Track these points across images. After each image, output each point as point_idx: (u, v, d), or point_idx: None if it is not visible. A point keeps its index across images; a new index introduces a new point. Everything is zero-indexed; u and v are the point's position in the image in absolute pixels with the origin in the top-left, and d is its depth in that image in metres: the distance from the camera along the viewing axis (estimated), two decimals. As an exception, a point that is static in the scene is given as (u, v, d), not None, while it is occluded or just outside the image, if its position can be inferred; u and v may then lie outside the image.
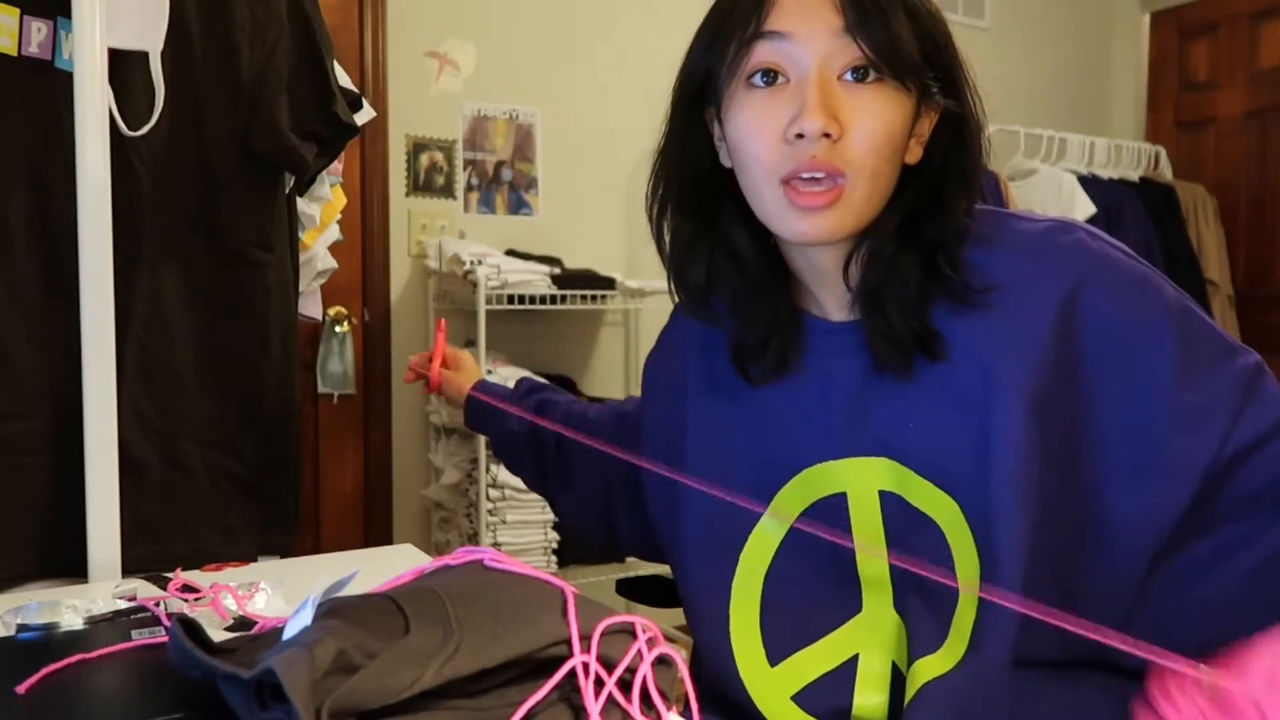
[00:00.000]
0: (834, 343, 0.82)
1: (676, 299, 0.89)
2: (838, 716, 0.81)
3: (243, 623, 0.79)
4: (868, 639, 0.80)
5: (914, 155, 0.78)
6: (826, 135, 0.71)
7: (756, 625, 0.83)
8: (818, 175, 0.72)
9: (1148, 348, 0.73)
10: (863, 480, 0.80)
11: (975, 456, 0.74)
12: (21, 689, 0.60)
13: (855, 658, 0.80)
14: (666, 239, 0.86)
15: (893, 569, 0.79)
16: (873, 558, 0.80)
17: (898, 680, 0.79)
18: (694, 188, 0.83)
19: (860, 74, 0.72)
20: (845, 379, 0.81)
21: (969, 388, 0.75)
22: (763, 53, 0.74)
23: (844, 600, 0.81)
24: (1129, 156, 3.60)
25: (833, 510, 0.81)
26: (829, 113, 0.71)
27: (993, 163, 3.77)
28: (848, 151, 0.72)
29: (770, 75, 0.74)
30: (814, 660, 0.81)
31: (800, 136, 0.72)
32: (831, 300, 0.83)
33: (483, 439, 2.48)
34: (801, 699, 0.81)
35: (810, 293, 0.84)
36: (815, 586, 0.82)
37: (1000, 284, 0.75)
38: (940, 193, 0.77)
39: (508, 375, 2.55)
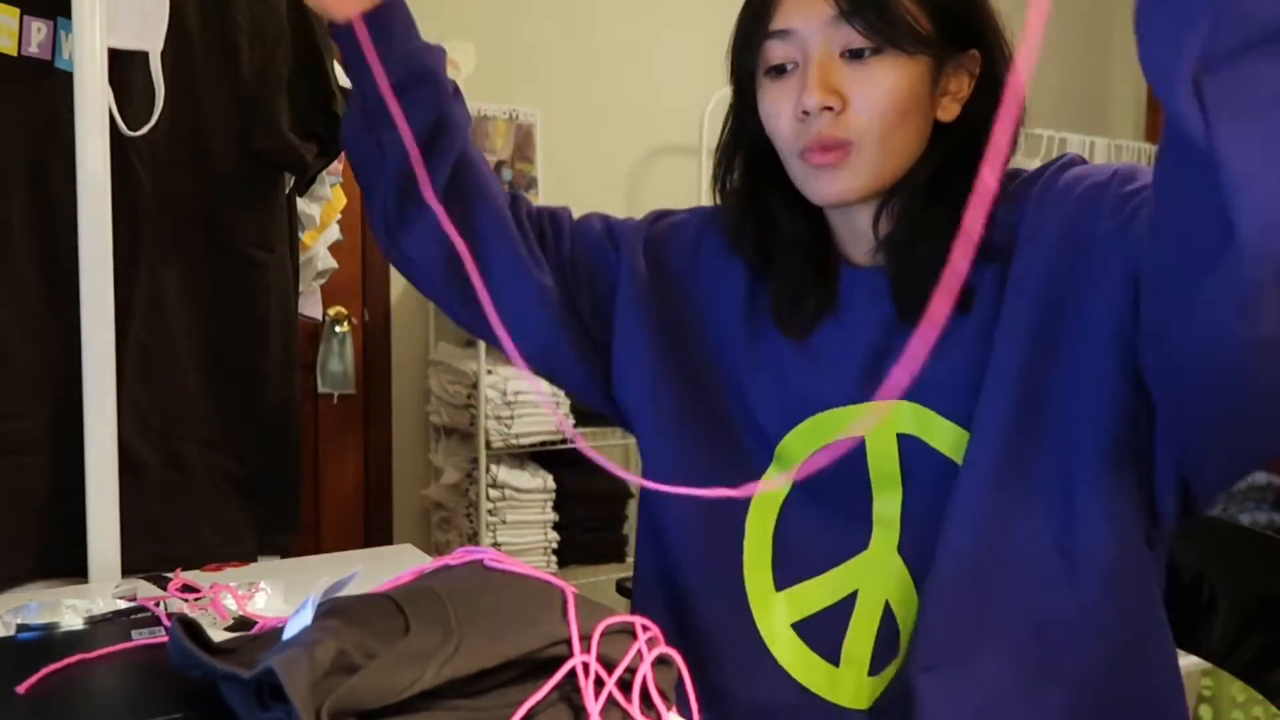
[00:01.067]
0: (858, 290, 0.86)
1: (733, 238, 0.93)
2: (831, 653, 0.83)
3: (243, 623, 0.79)
4: (868, 576, 0.83)
5: (949, 113, 0.81)
6: (828, 109, 0.77)
7: (769, 554, 0.87)
8: (826, 146, 0.78)
9: (1096, 205, 0.77)
10: (881, 423, 0.83)
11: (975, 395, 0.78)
12: (21, 689, 0.60)
13: (855, 594, 0.83)
14: (731, 198, 0.92)
15: (904, 511, 0.82)
16: (887, 498, 0.83)
17: (890, 623, 0.82)
18: (749, 161, 0.90)
19: (858, 54, 0.77)
20: (868, 325, 0.84)
21: (988, 333, 0.79)
22: (772, 50, 0.81)
23: (852, 537, 0.84)
24: (1129, 156, 3.60)
25: (850, 453, 0.84)
26: (827, 88, 0.77)
27: (993, 163, 3.71)
28: (851, 121, 0.77)
29: (781, 67, 0.81)
30: (817, 592, 0.85)
31: (806, 114, 0.78)
32: (863, 255, 0.87)
33: (483, 439, 2.48)
34: (801, 628, 0.85)
35: (843, 245, 0.89)
36: (826, 522, 0.85)
37: (1013, 233, 0.80)
38: (974, 149, 0.80)
39: (508, 374, 2.55)
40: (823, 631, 0.84)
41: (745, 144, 0.90)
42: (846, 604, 0.84)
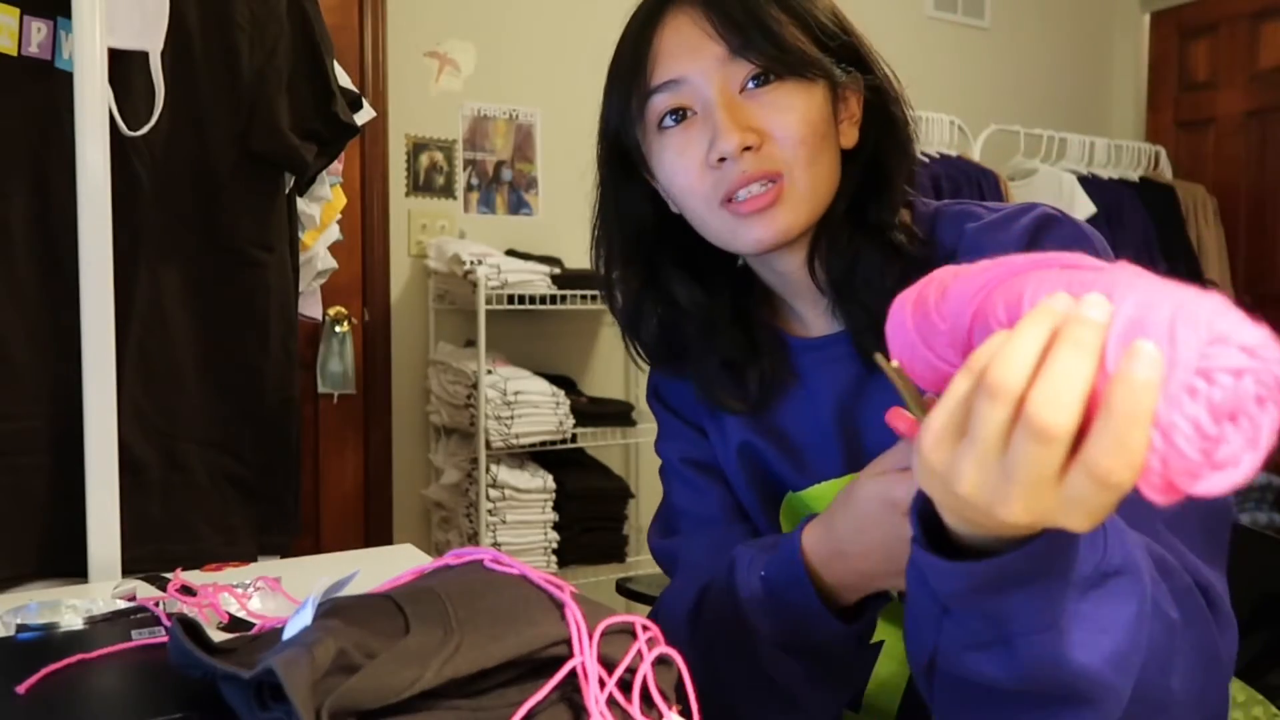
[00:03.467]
0: (818, 358, 0.81)
1: (637, 357, 0.88)
2: (852, 699, 0.81)
3: (242, 623, 0.79)
4: (895, 630, 0.81)
5: (849, 139, 0.78)
6: (748, 148, 0.72)
7: None
8: (753, 188, 0.73)
9: None
10: None
11: None
12: (21, 689, 0.60)
13: (881, 644, 0.81)
14: (618, 298, 0.85)
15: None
16: None
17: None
18: (634, 243, 0.84)
19: (760, 80, 0.73)
20: (834, 395, 0.80)
21: None
22: (662, 104, 0.75)
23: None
24: (1129, 156, 3.60)
25: None
26: (742, 127, 0.72)
27: (993, 163, 3.76)
28: (775, 152, 0.72)
29: (678, 114, 0.75)
30: None
31: (723, 160, 0.72)
32: (811, 312, 0.82)
33: (483, 439, 2.48)
34: None
35: (790, 309, 0.84)
36: None
37: (964, 250, 0.75)
38: (880, 169, 0.78)
39: (508, 375, 2.55)
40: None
41: (627, 221, 0.83)
42: (872, 651, 0.81)
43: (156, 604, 0.79)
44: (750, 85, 0.73)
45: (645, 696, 0.56)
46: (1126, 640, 0.50)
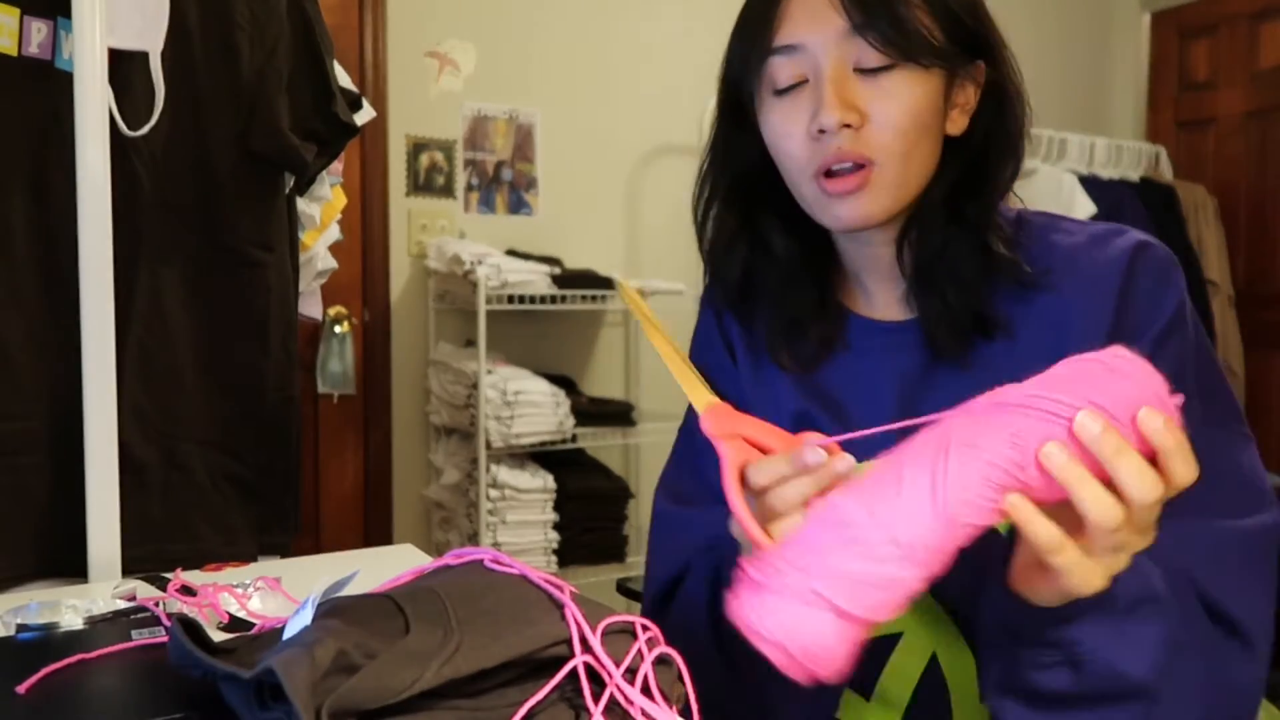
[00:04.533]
0: (883, 342, 0.82)
1: (713, 291, 0.90)
2: (864, 686, 0.82)
3: (242, 623, 0.79)
4: (914, 621, 0.80)
5: (958, 126, 0.78)
6: (847, 125, 0.73)
7: None
8: (845, 165, 0.74)
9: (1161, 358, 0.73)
10: None
11: None
12: (21, 689, 0.60)
13: (899, 636, 0.81)
14: (709, 233, 0.87)
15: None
16: None
17: (933, 673, 0.80)
18: (738, 186, 0.85)
19: (876, 70, 0.73)
20: (893, 378, 0.80)
21: (1036, 363, 0.75)
22: (779, 67, 0.76)
23: None
24: (1129, 156, 3.60)
25: None
26: (846, 105, 0.73)
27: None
28: (872, 138, 0.73)
29: (792, 84, 0.76)
30: None
31: (822, 132, 0.73)
32: (884, 294, 0.83)
33: (483, 439, 2.48)
34: None
35: (863, 286, 0.84)
36: None
37: (1058, 267, 0.76)
38: (984, 161, 0.78)
39: (508, 374, 2.56)
40: (859, 663, 0.82)
41: (734, 165, 0.85)
42: (889, 641, 0.81)
43: (156, 604, 0.79)
44: (864, 70, 0.73)
45: (646, 696, 0.56)
46: (1162, 651, 0.62)
